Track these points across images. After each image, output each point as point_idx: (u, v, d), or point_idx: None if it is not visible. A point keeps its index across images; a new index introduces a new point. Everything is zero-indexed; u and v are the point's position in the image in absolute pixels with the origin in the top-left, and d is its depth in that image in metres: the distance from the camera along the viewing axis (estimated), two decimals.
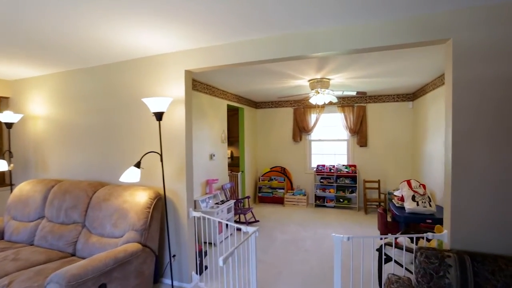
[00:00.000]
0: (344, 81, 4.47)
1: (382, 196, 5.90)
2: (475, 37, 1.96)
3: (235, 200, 4.72)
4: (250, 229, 2.40)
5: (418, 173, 5.35)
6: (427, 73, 4.01)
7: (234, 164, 6.66)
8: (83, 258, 2.61)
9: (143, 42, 2.61)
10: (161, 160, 2.66)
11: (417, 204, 3.55)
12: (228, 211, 4.53)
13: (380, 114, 6.05)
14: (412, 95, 5.78)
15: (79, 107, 3.45)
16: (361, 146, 6.17)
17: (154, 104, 2.52)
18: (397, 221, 3.80)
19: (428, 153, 4.72)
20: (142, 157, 2.62)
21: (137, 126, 3.08)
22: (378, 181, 5.90)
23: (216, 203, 4.43)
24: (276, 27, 2.31)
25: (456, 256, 1.89)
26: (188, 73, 2.88)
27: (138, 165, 2.56)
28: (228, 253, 2.06)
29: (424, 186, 3.77)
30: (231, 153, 7.36)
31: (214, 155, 4.73)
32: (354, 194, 5.92)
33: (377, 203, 5.81)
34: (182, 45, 2.72)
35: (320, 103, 4.52)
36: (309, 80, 4.38)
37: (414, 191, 3.69)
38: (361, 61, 3.43)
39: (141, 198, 2.67)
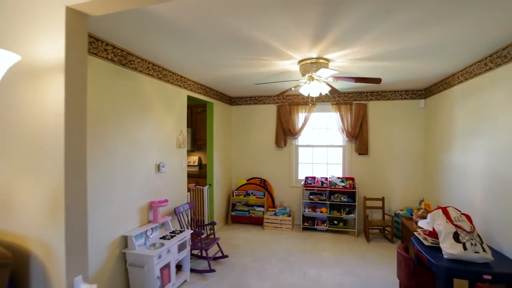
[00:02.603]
0: (347, 64, 3.21)
1: (387, 218, 4.69)
2: None
3: (192, 231, 3.31)
4: None
5: (435, 190, 4.17)
6: (464, 53, 2.81)
7: (203, 175, 5.25)
8: None
9: None
10: None
11: (465, 248, 2.31)
12: (181, 248, 3.11)
13: (384, 114, 4.87)
14: (424, 92, 4.64)
15: None
16: (360, 154, 4.95)
17: None
18: (429, 268, 2.54)
19: (455, 166, 3.53)
20: None
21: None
22: (382, 199, 4.68)
23: (163, 237, 3.01)
24: None
25: None
26: (74, 14, 1.47)
27: None
28: None
29: (469, 218, 2.54)
30: (199, 160, 5.93)
31: (163, 166, 3.31)
32: (352, 215, 4.67)
33: (381, 228, 4.58)
34: None
35: (315, 94, 3.23)
36: (300, 61, 3.08)
37: (456, 225, 2.45)
38: (380, 28, 2.19)
39: None
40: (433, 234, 2.68)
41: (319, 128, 5.29)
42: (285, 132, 5.24)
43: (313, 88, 3.13)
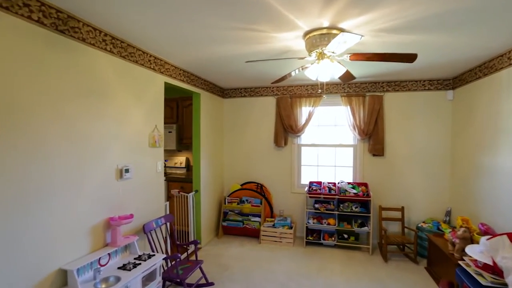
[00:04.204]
0: (367, 39, 2.45)
1: (407, 232, 3.93)
2: None
3: (165, 255, 2.55)
4: None
5: (467, 199, 3.41)
6: None
7: (191, 179, 4.45)
8: None
9: None
10: None
11: None
12: (149, 279, 2.37)
13: (404, 108, 4.11)
14: (452, 81, 3.88)
15: None
16: (374, 155, 4.20)
17: None
18: None
19: (502, 171, 2.78)
20: None
21: None
22: (402, 209, 3.93)
23: (123, 266, 2.25)
24: None
25: None
26: None
27: None
28: None
29: None
30: (187, 161, 5.17)
31: (127, 170, 2.56)
32: (365, 227, 3.91)
33: (401, 245, 3.82)
34: None
35: (325, 77, 2.47)
36: (307, 34, 2.33)
37: None
38: None
39: None
40: (491, 268, 1.93)
41: (326, 124, 4.53)
42: (286, 129, 4.48)
43: (322, 69, 2.37)
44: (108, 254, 2.29)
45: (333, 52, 2.23)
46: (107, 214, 2.37)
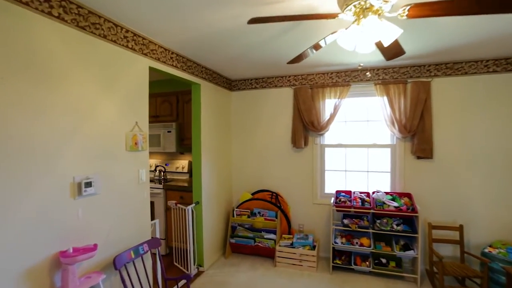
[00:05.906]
0: None
1: (467, 257, 3.02)
2: None
3: None
4: None
5: None
6: None
7: (192, 188, 3.72)
8: None
9: None
10: None
11: None
12: None
13: (459, 97, 3.20)
14: None
15: None
16: (420, 157, 3.31)
17: None
18: None
19: None
20: None
21: None
22: (460, 228, 3.03)
23: None
24: None
25: None
26: None
27: None
28: None
29: None
30: (189, 165, 4.46)
31: (89, 184, 1.86)
32: (411, 251, 3.04)
33: (461, 277, 2.91)
34: None
35: (367, 47, 1.67)
36: None
37: None
38: None
39: None
40: None
41: (356, 120, 3.69)
42: (306, 126, 3.68)
43: (365, 32, 1.56)
44: None
45: (385, 1, 1.42)
46: (57, 248, 1.68)
